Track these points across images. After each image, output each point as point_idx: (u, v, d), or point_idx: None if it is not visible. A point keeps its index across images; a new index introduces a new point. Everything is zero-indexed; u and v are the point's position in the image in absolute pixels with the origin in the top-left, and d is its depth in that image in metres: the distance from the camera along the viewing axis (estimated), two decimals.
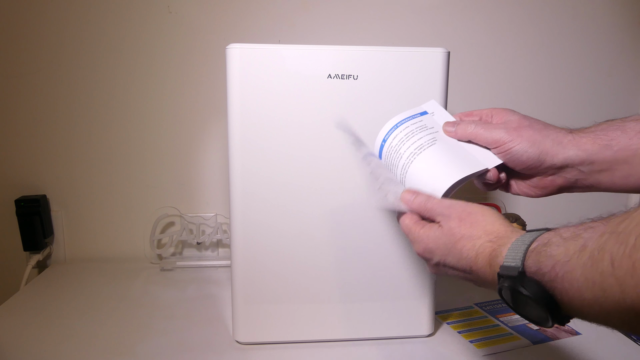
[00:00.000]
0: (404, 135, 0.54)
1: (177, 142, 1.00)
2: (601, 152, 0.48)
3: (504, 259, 0.38)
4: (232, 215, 0.64)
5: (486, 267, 0.40)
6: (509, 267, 0.37)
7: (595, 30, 1.06)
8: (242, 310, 0.67)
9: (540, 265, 0.35)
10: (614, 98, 1.10)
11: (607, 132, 0.48)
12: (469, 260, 0.42)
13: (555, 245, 0.34)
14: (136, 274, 0.95)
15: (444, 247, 0.44)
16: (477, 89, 1.05)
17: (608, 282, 0.29)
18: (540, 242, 0.36)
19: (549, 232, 0.37)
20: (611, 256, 0.29)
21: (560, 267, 0.33)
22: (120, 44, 0.96)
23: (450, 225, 0.44)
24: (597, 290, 0.30)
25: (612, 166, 0.48)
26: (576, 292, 0.32)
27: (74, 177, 1.00)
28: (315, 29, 0.99)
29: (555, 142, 0.49)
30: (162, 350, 0.66)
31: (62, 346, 0.68)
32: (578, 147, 0.48)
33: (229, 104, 0.61)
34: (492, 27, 1.03)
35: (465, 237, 0.42)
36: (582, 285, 0.31)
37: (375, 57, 0.61)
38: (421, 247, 0.46)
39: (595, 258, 0.30)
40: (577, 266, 0.31)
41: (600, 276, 0.29)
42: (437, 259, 0.45)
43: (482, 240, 0.41)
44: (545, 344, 0.70)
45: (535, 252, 0.36)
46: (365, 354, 0.67)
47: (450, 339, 0.71)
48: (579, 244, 0.32)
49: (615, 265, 0.28)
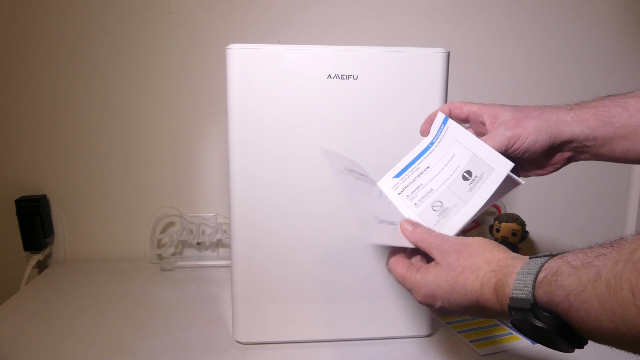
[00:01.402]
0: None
1: (177, 142, 1.00)
2: (603, 127, 0.49)
3: (512, 290, 0.37)
4: (232, 215, 0.64)
5: (493, 299, 0.39)
6: (519, 299, 0.36)
7: (595, 30, 1.06)
8: (242, 310, 0.67)
9: (553, 296, 0.34)
10: None
11: (609, 109, 0.49)
12: (474, 292, 0.41)
13: (566, 274, 0.33)
14: (136, 274, 0.95)
15: (446, 285, 0.42)
16: (477, 89, 1.05)
17: (630, 312, 0.28)
18: (548, 271, 0.35)
19: (554, 259, 0.36)
20: (630, 286, 0.29)
21: (575, 297, 0.32)
22: (120, 44, 0.96)
23: (449, 260, 0.43)
24: (618, 320, 0.29)
25: (613, 141, 0.49)
26: (594, 322, 0.31)
27: (74, 177, 1.00)
28: (315, 29, 0.99)
29: (559, 123, 0.49)
30: (162, 350, 0.66)
31: (62, 346, 0.68)
32: (581, 124, 0.49)
33: (229, 104, 0.61)
34: (492, 27, 1.03)
35: (466, 269, 0.41)
36: (601, 315, 0.31)
37: (375, 57, 0.61)
38: (421, 294, 0.44)
39: (612, 288, 0.30)
40: (593, 296, 0.31)
41: (621, 306, 0.29)
42: (440, 303, 0.43)
43: (484, 270, 0.40)
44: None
45: (545, 282, 0.35)
46: (365, 354, 0.67)
47: (450, 339, 0.71)
48: (592, 273, 0.32)
49: (636, 296, 0.28)
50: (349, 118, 0.62)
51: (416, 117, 0.58)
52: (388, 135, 0.63)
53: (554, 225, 1.12)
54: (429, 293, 0.44)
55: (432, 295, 0.43)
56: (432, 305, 0.44)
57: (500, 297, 0.38)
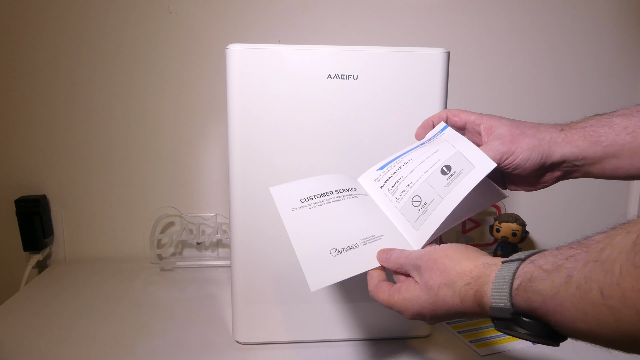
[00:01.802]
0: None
1: (177, 142, 1.00)
2: (591, 147, 0.50)
3: (490, 299, 0.38)
4: (232, 215, 0.64)
5: (476, 309, 0.40)
6: (499, 309, 0.37)
7: (595, 30, 1.06)
8: (242, 310, 0.67)
9: (531, 302, 0.35)
10: (614, 98, 1.10)
11: (595, 129, 0.50)
12: (456, 307, 0.42)
13: (540, 279, 0.34)
14: (136, 274, 0.95)
15: (428, 305, 0.44)
16: (477, 89, 1.05)
17: (601, 312, 0.29)
18: (523, 277, 0.36)
19: (525, 263, 0.37)
20: (599, 286, 0.29)
21: (550, 301, 0.33)
22: (120, 44, 0.96)
23: (425, 279, 0.44)
24: (590, 320, 0.30)
25: (602, 160, 0.50)
26: (570, 322, 0.32)
27: (74, 177, 1.00)
28: (315, 29, 0.99)
29: (551, 143, 0.51)
30: (162, 350, 0.66)
31: (62, 346, 0.68)
32: (571, 145, 0.50)
33: (229, 104, 0.61)
34: (492, 27, 1.03)
35: (442, 287, 0.42)
36: (575, 317, 0.31)
37: (375, 57, 0.61)
38: (410, 312, 0.46)
39: (583, 289, 0.30)
40: (566, 298, 0.32)
41: (592, 307, 0.30)
42: (429, 317, 0.45)
43: (459, 285, 0.41)
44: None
45: (521, 289, 0.36)
46: (365, 354, 0.67)
47: (450, 339, 0.71)
48: (563, 275, 0.32)
49: (605, 295, 0.29)
50: (349, 118, 0.62)
51: (416, 117, 0.58)
52: (388, 135, 0.63)
53: (554, 225, 1.12)
54: (415, 312, 0.45)
55: (419, 313, 0.45)
56: (423, 319, 0.46)
57: (482, 307, 0.39)
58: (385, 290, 0.47)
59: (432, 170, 0.50)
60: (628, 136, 0.49)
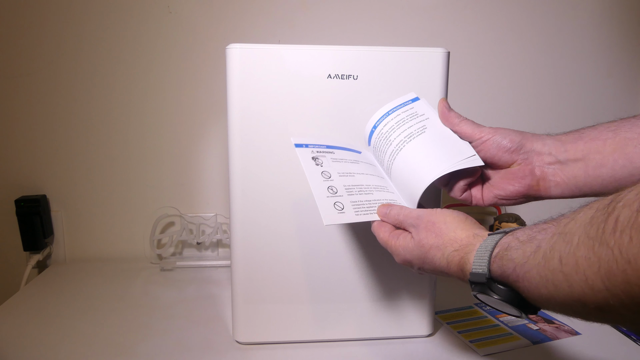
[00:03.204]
0: (394, 122, 0.57)
1: (177, 142, 1.00)
2: (574, 141, 0.52)
3: (472, 266, 0.42)
4: (232, 215, 0.64)
5: (459, 273, 0.45)
6: (477, 274, 0.41)
7: (595, 30, 1.06)
8: (242, 310, 0.67)
9: (504, 269, 0.39)
10: (613, 98, 1.10)
11: (578, 130, 0.53)
12: (442, 267, 0.46)
13: (515, 249, 0.38)
14: (136, 274, 0.95)
15: (418, 258, 0.48)
16: (477, 89, 1.05)
17: (558, 278, 0.32)
18: (501, 247, 0.40)
19: (507, 235, 0.40)
20: (560, 255, 0.32)
21: (520, 269, 0.37)
22: (120, 44, 0.96)
23: (420, 237, 0.48)
24: (550, 286, 0.33)
25: (585, 155, 0.51)
26: (535, 289, 0.35)
27: (74, 177, 1.00)
28: (315, 29, 0.99)
29: (532, 134, 0.54)
30: (162, 350, 0.66)
31: (62, 346, 0.68)
32: (553, 138, 0.54)
33: (229, 104, 0.61)
34: (492, 27, 1.03)
35: (433, 247, 0.46)
36: (539, 283, 0.34)
37: (375, 57, 0.61)
38: (400, 258, 0.50)
39: (547, 257, 0.33)
40: (533, 266, 0.35)
41: (552, 273, 0.33)
42: (416, 267, 0.49)
43: (449, 250, 0.45)
44: (545, 344, 0.70)
45: (499, 257, 0.40)
46: (365, 354, 0.67)
47: (450, 339, 0.71)
48: (534, 246, 0.36)
49: (563, 263, 0.32)
50: (349, 118, 0.62)
51: None
52: None
53: None
54: (405, 259, 0.50)
55: (409, 262, 0.50)
56: (411, 267, 0.50)
57: (464, 273, 0.44)
58: (386, 230, 0.52)
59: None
60: (610, 132, 0.50)
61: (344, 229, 0.65)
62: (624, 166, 0.49)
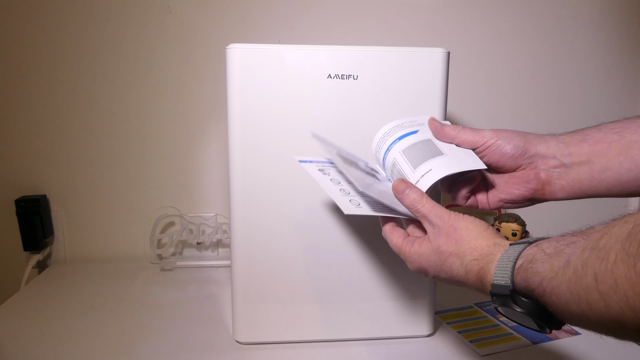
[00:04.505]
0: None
1: (177, 142, 1.00)
2: (578, 144, 0.51)
3: (493, 277, 0.40)
4: (232, 215, 0.64)
5: (478, 284, 0.42)
6: (499, 286, 0.39)
7: (594, 30, 1.06)
8: (242, 310, 0.67)
9: (529, 282, 0.37)
10: (613, 98, 1.10)
11: (583, 131, 0.52)
12: (460, 277, 0.44)
13: (540, 261, 0.36)
14: (136, 274, 0.95)
15: (434, 265, 0.46)
16: (477, 89, 1.05)
17: (593, 296, 0.30)
18: (525, 259, 0.38)
19: (531, 246, 0.38)
20: (594, 272, 0.30)
21: (547, 283, 0.35)
22: (120, 44, 0.96)
23: (439, 243, 0.45)
24: (583, 303, 0.31)
25: (590, 158, 0.50)
26: (564, 305, 0.34)
27: (74, 177, 1.00)
28: (315, 29, 0.99)
29: (536, 136, 0.53)
30: (162, 350, 0.66)
31: (62, 346, 0.68)
32: (557, 140, 0.52)
33: (229, 104, 0.61)
34: (492, 27, 1.03)
35: (452, 255, 0.44)
36: (569, 300, 0.33)
37: (375, 57, 0.61)
38: (415, 266, 0.48)
39: (579, 273, 0.31)
40: (563, 281, 0.33)
41: (585, 291, 0.31)
42: (431, 276, 0.47)
43: (469, 259, 0.43)
44: (545, 344, 0.70)
45: (522, 269, 0.38)
46: (365, 353, 0.67)
47: (450, 339, 0.71)
48: (562, 260, 0.34)
49: (598, 281, 0.30)
50: (349, 118, 0.62)
51: None
52: None
53: (554, 225, 1.12)
54: (421, 267, 0.47)
55: (424, 270, 0.47)
56: (425, 275, 0.48)
57: (484, 284, 0.41)
58: (400, 235, 0.50)
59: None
60: (615, 135, 0.49)
61: (345, 229, 0.65)
62: (629, 169, 0.48)
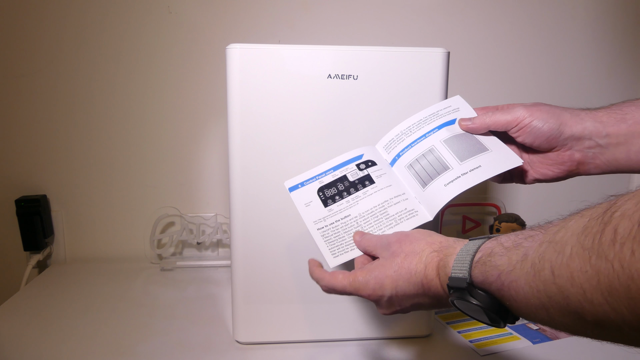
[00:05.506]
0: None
1: (177, 142, 1.00)
2: (616, 124, 0.49)
3: (451, 269, 0.39)
4: (232, 215, 0.64)
5: (436, 279, 0.41)
6: (457, 279, 0.38)
7: (594, 30, 1.06)
8: (242, 310, 0.67)
9: (487, 275, 0.36)
10: (613, 98, 1.09)
11: (621, 107, 0.50)
12: (419, 274, 0.42)
13: (499, 255, 0.36)
14: (136, 274, 0.95)
15: (392, 273, 0.43)
16: (477, 89, 1.05)
17: (551, 289, 0.30)
18: (484, 252, 0.37)
19: (490, 240, 0.38)
20: (551, 265, 0.30)
21: (505, 277, 0.34)
22: (120, 44, 0.96)
23: (393, 250, 0.45)
24: (542, 297, 0.31)
25: (628, 139, 0.49)
26: (522, 299, 0.33)
27: (74, 177, 1.00)
28: (315, 29, 0.99)
29: (572, 115, 0.50)
30: (162, 350, 0.67)
31: (62, 346, 0.68)
32: (594, 119, 0.50)
33: (229, 104, 0.61)
34: (492, 27, 1.03)
35: (409, 254, 0.43)
36: (528, 293, 0.32)
37: (375, 57, 0.61)
38: (370, 288, 0.44)
39: (536, 267, 0.31)
40: (521, 275, 0.33)
41: (544, 285, 0.31)
42: (389, 291, 0.43)
43: (427, 252, 0.43)
44: (545, 344, 0.70)
45: (481, 262, 0.37)
46: (365, 354, 0.67)
47: (450, 339, 0.71)
48: (520, 253, 0.34)
49: (555, 274, 0.30)
50: (349, 118, 0.62)
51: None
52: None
53: None
54: (377, 284, 0.44)
55: (380, 285, 0.44)
56: (382, 296, 0.44)
57: (442, 277, 0.41)
58: (345, 275, 0.46)
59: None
60: None
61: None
62: None
